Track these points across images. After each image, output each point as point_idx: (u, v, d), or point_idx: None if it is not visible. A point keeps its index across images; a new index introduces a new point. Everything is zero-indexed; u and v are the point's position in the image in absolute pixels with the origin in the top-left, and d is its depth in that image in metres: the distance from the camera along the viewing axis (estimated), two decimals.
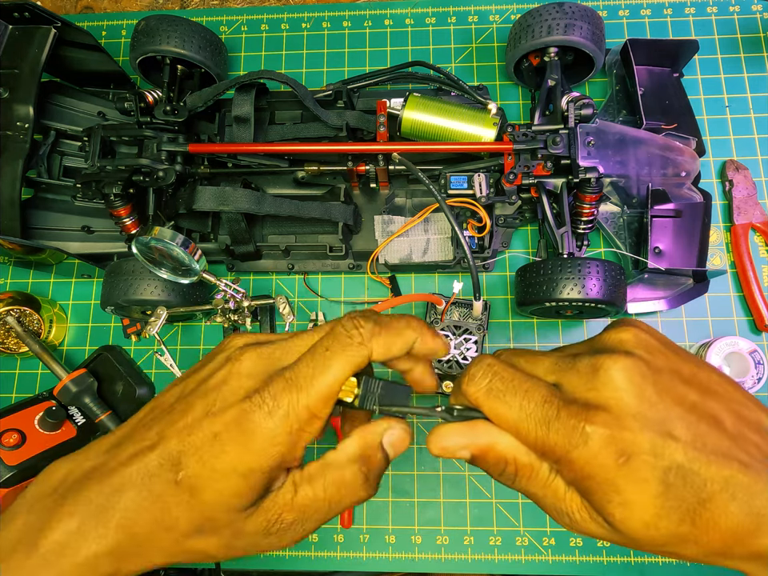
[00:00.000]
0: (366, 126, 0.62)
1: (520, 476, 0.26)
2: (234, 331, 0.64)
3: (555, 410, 0.24)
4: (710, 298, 0.62)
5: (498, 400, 0.25)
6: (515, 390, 0.25)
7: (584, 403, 0.24)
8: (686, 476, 0.22)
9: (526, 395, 0.25)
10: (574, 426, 0.23)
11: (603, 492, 0.23)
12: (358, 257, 0.64)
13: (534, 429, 0.24)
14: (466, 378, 0.27)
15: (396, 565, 0.58)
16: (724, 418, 0.24)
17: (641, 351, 0.25)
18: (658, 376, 0.24)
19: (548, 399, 0.24)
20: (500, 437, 0.26)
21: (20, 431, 0.56)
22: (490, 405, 0.26)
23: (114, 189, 0.57)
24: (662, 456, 0.22)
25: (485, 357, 0.27)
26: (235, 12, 0.76)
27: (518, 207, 0.60)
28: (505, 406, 0.25)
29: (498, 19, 0.72)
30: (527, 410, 0.24)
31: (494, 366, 0.26)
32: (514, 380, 0.25)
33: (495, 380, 0.26)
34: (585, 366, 0.25)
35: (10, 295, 0.63)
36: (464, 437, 0.26)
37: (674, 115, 0.61)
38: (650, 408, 0.23)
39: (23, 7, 0.56)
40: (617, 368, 0.24)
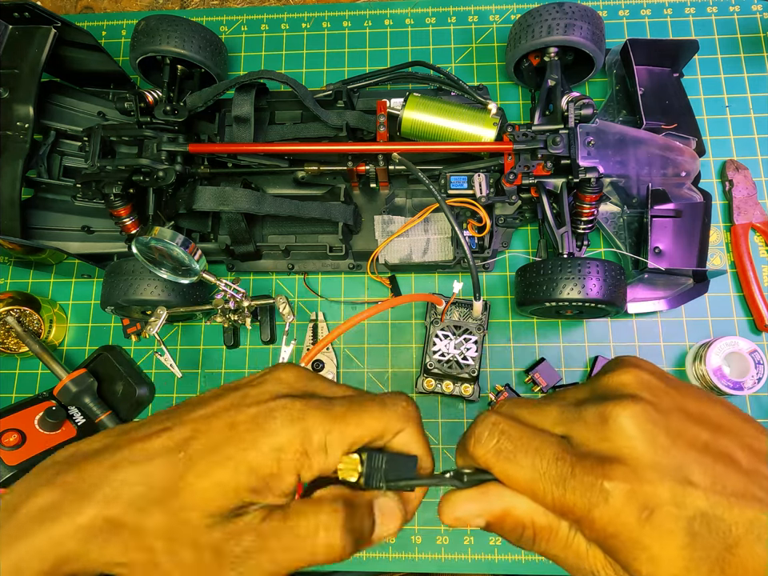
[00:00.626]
0: (365, 126, 0.62)
1: (539, 539, 0.25)
2: (234, 331, 0.64)
3: (569, 467, 0.23)
4: (709, 297, 0.62)
5: (508, 461, 0.24)
6: (525, 448, 0.24)
7: (598, 457, 0.23)
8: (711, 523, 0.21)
9: (538, 453, 0.24)
10: (591, 484, 0.22)
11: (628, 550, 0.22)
12: (357, 257, 0.64)
13: (550, 489, 0.23)
14: (471, 439, 0.25)
15: (396, 565, 0.58)
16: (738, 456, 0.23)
17: (645, 394, 0.24)
18: (667, 419, 0.23)
19: (560, 456, 0.23)
20: (515, 500, 0.25)
21: (20, 431, 0.56)
22: (500, 467, 0.24)
23: (114, 189, 0.57)
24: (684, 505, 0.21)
25: (489, 414, 0.26)
26: (235, 12, 0.76)
27: (518, 207, 0.60)
28: (516, 467, 0.24)
29: (498, 19, 0.72)
30: (540, 469, 0.23)
31: (499, 424, 0.25)
32: (523, 438, 0.24)
33: (503, 440, 0.24)
34: (592, 415, 0.24)
35: (10, 295, 0.63)
36: (477, 504, 0.25)
37: (674, 115, 0.61)
38: (665, 455, 0.22)
39: (23, 7, 0.56)
40: (626, 415, 0.23)
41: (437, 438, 0.61)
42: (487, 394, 0.60)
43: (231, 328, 0.63)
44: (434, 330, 0.59)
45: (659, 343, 0.61)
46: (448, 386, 0.59)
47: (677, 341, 0.61)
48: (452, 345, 0.59)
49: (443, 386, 0.59)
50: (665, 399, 0.24)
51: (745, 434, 0.24)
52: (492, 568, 0.58)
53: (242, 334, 0.65)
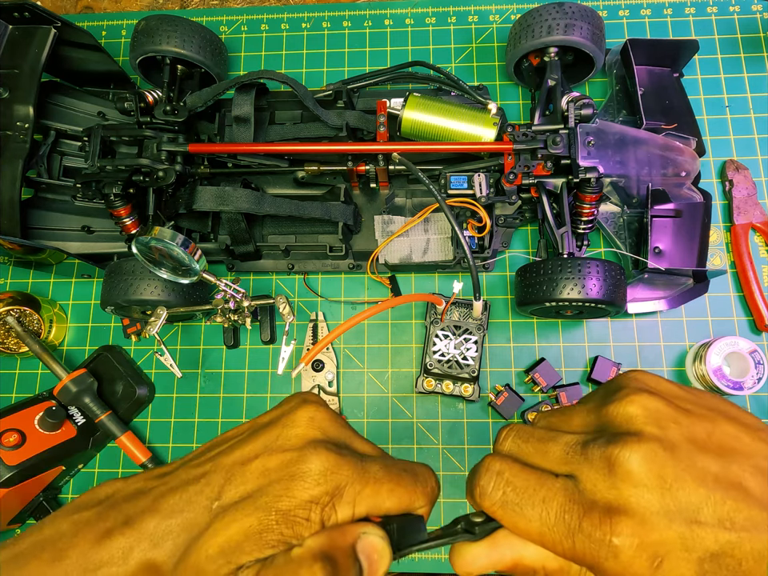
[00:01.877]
0: (365, 126, 0.62)
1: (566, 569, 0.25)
2: (234, 331, 0.64)
3: (577, 520, 0.23)
4: (709, 297, 0.62)
5: (515, 514, 0.24)
6: (532, 501, 0.24)
7: (605, 507, 0.22)
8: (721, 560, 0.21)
9: (544, 505, 0.23)
10: (600, 540, 0.22)
11: None
12: (358, 257, 0.64)
13: (560, 540, 0.23)
14: (477, 490, 0.25)
15: (396, 565, 0.58)
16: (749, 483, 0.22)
17: (652, 428, 0.23)
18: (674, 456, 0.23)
19: (567, 508, 0.23)
20: (524, 549, 0.25)
21: (20, 431, 0.56)
22: (508, 520, 0.24)
23: (114, 189, 0.57)
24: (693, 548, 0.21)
25: (493, 461, 0.25)
26: (235, 12, 0.76)
27: (518, 207, 0.60)
28: (524, 520, 0.24)
29: (498, 19, 0.72)
30: (548, 522, 0.23)
31: (504, 473, 0.25)
32: (528, 488, 0.24)
33: (509, 491, 0.24)
34: (598, 459, 0.23)
35: (10, 295, 0.63)
36: (488, 556, 0.25)
37: (674, 115, 0.61)
38: (673, 499, 0.22)
39: (23, 7, 0.56)
40: (633, 460, 0.22)
41: (437, 438, 0.61)
42: (487, 393, 0.60)
43: (231, 328, 0.63)
44: (434, 330, 0.59)
45: (659, 343, 0.61)
46: (448, 386, 0.59)
47: (677, 341, 0.61)
48: (452, 345, 0.59)
49: (443, 386, 0.59)
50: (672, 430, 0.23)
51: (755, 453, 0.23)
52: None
53: (242, 334, 0.65)
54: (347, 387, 0.63)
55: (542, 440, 0.26)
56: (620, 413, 0.24)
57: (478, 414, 0.61)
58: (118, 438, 0.60)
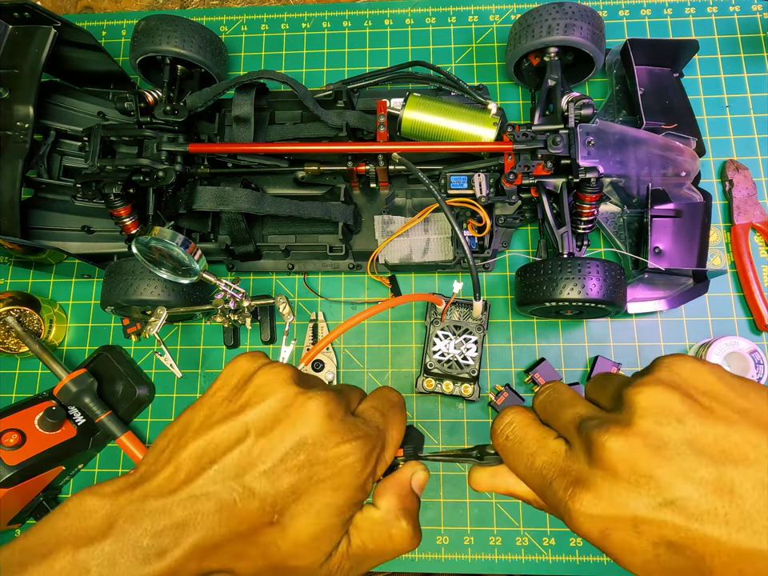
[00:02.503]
0: (365, 126, 0.62)
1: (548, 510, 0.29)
2: (234, 331, 0.64)
3: (549, 479, 0.26)
4: (709, 297, 0.62)
5: (509, 458, 0.29)
6: (522, 452, 0.28)
7: (575, 477, 0.25)
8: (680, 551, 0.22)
9: (531, 458, 0.28)
10: (560, 500, 0.25)
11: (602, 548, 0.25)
12: (358, 257, 0.64)
13: (535, 487, 0.28)
14: (491, 430, 0.31)
15: (396, 565, 0.58)
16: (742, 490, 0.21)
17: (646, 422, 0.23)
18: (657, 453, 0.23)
19: (546, 466, 0.27)
20: (516, 484, 0.30)
21: (20, 431, 0.56)
22: (505, 460, 0.30)
23: (114, 189, 0.57)
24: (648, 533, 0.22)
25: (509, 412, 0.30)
26: (235, 12, 0.76)
27: (518, 207, 0.60)
28: (514, 463, 0.29)
29: (498, 19, 0.72)
30: (531, 471, 0.28)
31: (512, 424, 0.30)
32: (524, 441, 0.28)
33: (510, 437, 0.29)
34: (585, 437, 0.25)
35: (10, 295, 0.63)
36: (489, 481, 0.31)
37: (674, 115, 0.61)
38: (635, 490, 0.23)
39: (23, 7, 0.56)
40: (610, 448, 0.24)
41: (437, 437, 0.61)
42: (487, 393, 0.60)
43: (231, 328, 0.63)
44: (434, 330, 0.59)
45: (659, 343, 0.61)
46: (448, 386, 0.59)
47: (677, 341, 0.61)
48: (452, 345, 0.59)
49: (443, 386, 0.59)
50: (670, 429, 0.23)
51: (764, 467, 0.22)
52: (492, 568, 0.58)
53: (242, 334, 0.65)
54: None
55: (561, 405, 0.29)
56: (628, 398, 0.25)
57: (477, 414, 0.61)
58: (118, 438, 0.60)
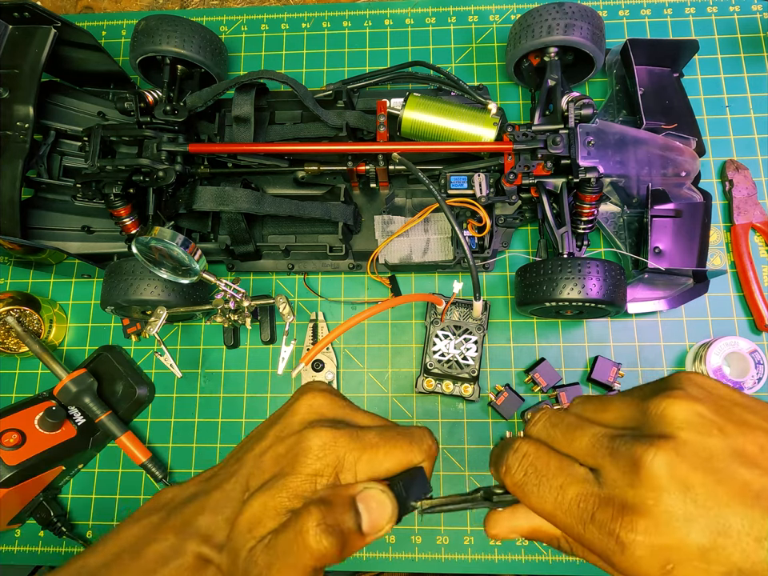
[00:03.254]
0: (365, 126, 0.62)
1: (575, 548, 0.26)
2: (234, 331, 0.64)
3: (590, 512, 0.23)
4: (710, 297, 0.62)
5: (533, 495, 0.25)
6: (549, 485, 0.24)
7: (621, 503, 0.22)
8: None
9: (561, 491, 0.24)
10: (609, 533, 0.22)
11: None
12: (358, 257, 0.64)
13: (570, 525, 0.23)
14: (503, 468, 0.26)
15: (396, 565, 0.58)
16: None
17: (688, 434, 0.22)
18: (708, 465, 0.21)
19: (583, 498, 0.23)
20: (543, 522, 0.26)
21: (20, 431, 0.56)
22: (527, 499, 0.25)
23: (114, 189, 0.57)
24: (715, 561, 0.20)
25: (521, 444, 0.26)
26: (235, 12, 0.76)
27: (518, 207, 0.60)
28: (539, 501, 0.25)
29: (498, 19, 0.72)
30: (562, 507, 0.24)
31: (529, 456, 0.26)
32: (548, 473, 0.25)
33: (530, 472, 0.25)
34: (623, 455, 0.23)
35: (10, 295, 0.63)
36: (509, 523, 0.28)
37: (674, 115, 0.61)
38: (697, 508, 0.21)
39: (23, 7, 0.56)
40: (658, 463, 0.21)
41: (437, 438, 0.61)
42: (487, 394, 0.60)
43: (231, 328, 0.63)
44: (434, 330, 0.59)
45: (659, 343, 0.61)
46: (448, 386, 0.59)
47: (677, 341, 0.61)
48: (452, 345, 0.59)
49: (443, 386, 0.59)
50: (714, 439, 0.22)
51: None
52: (492, 568, 0.58)
53: (242, 334, 0.65)
54: (347, 387, 0.63)
55: (571, 427, 0.26)
56: (659, 413, 0.23)
57: (477, 414, 0.61)
58: (118, 438, 0.60)
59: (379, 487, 0.26)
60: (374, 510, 0.26)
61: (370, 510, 0.26)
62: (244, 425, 0.63)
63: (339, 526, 0.25)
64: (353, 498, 0.26)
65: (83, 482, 0.63)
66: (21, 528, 0.62)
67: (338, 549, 0.24)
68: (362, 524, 0.25)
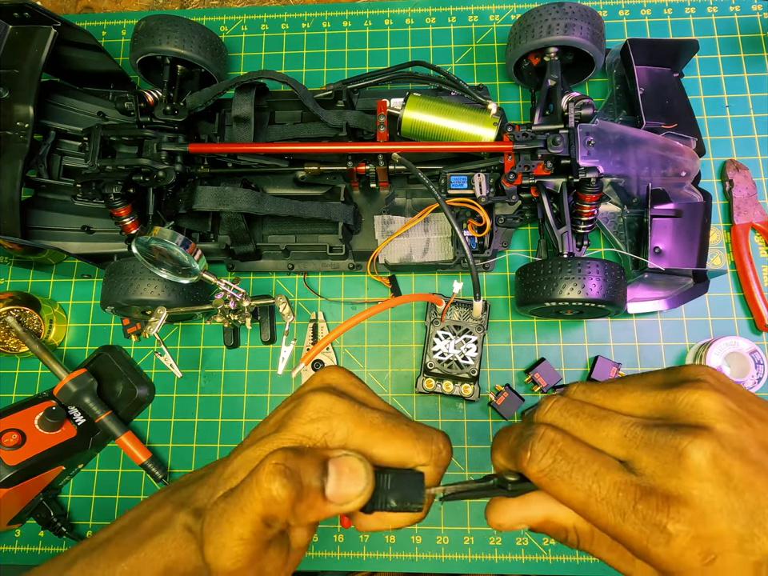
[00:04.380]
0: (365, 126, 0.62)
1: (583, 542, 0.25)
2: (234, 331, 0.64)
3: (632, 500, 0.22)
4: (710, 297, 0.62)
5: (563, 482, 0.23)
6: (583, 472, 0.23)
7: (664, 494, 0.22)
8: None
9: (596, 479, 0.23)
10: (654, 524, 0.21)
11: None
12: (358, 257, 0.64)
13: (606, 515, 0.22)
14: (526, 454, 0.24)
15: (396, 565, 0.58)
16: None
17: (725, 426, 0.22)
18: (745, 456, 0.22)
19: (622, 486, 0.22)
20: (557, 509, 0.25)
21: (20, 431, 0.56)
22: (555, 487, 0.23)
23: (114, 189, 0.57)
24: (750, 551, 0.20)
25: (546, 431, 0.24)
26: (235, 12, 0.76)
27: (518, 207, 0.60)
28: (571, 489, 0.23)
29: (498, 19, 0.72)
30: (598, 495, 0.22)
31: (558, 442, 0.24)
32: (581, 459, 0.23)
33: (560, 459, 0.23)
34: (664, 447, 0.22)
35: (10, 295, 0.63)
36: (519, 512, 0.26)
37: (674, 115, 0.61)
38: (738, 499, 0.21)
39: (23, 7, 0.56)
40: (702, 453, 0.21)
41: None
42: (487, 393, 0.60)
43: (231, 328, 0.63)
44: (434, 330, 0.59)
45: (659, 343, 0.61)
46: (448, 386, 0.59)
47: (677, 341, 0.61)
48: (452, 345, 0.59)
49: (443, 386, 0.59)
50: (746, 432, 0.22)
51: None
52: (492, 568, 0.58)
53: (242, 334, 0.65)
54: None
55: (594, 417, 0.25)
56: (691, 402, 0.23)
57: (477, 414, 0.61)
58: (118, 438, 0.60)
59: (357, 456, 0.25)
60: (345, 475, 0.24)
61: (340, 473, 0.24)
62: (244, 425, 0.63)
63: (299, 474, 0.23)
64: (326, 458, 0.24)
65: (83, 482, 0.63)
66: (21, 528, 0.62)
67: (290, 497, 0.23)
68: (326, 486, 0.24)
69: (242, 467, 0.26)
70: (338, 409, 0.26)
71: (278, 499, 0.23)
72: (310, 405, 0.26)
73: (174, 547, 0.26)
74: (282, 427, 0.26)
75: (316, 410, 0.26)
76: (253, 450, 0.26)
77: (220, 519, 0.24)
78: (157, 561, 0.26)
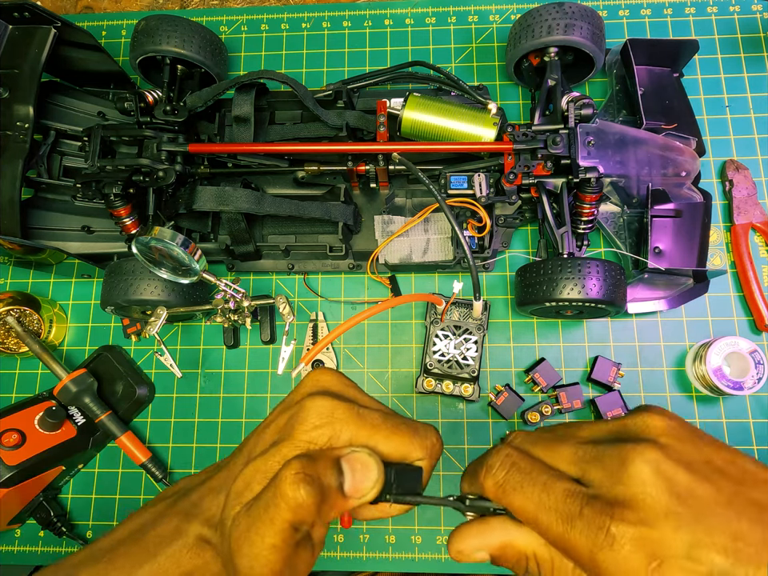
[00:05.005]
0: (365, 126, 0.62)
1: (544, 571, 0.25)
2: (234, 331, 0.64)
3: (578, 506, 0.22)
4: (710, 297, 0.62)
5: (515, 492, 0.24)
6: (534, 481, 0.24)
7: (610, 500, 0.22)
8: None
9: (545, 488, 0.24)
10: (599, 526, 0.22)
11: None
12: (358, 257, 0.64)
13: (555, 524, 0.23)
14: (483, 468, 0.26)
15: (396, 565, 0.58)
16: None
17: (670, 440, 0.23)
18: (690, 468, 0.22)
19: (570, 493, 0.23)
20: (517, 533, 0.25)
21: (20, 431, 0.56)
22: (507, 499, 0.25)
23: (114, 189, 0.57)
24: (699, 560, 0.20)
25: (502, 448, 0.26)
26: (235, 12, 0.76)
27: (518, 207, 0.60)
28: (522, 498, 0.24)
29: (498, 19, 0.72)
30: (547, 503, 0.23)
31: (512, 456, 0.26)
32: (533, 472, 0.24)
33: (513, 471, 0.25)
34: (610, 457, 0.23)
35: (10, 295, 0.63)
36: (479, 537, 0.26)
37: (674, 115, 0.61)
38: (682, 504, 0.21)
39: (23, 7, 0.56)
40: (645, 459, 0.22)
41: None
42: (487, 394, 0.60)
43: (231, 328, 0.63)
44: (434, 330, 0.59)
45: (659, 343, 0.61)
46: (448, 386, 0.59)
47: (677, 341, 0.61)
48: (452, 345, 0.59)
49: (443, 386, 0.59)
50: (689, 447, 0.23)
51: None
52: (492, 568, 0.57)
53: (242, 334, 0.65)
54: None
55: (551, 441, 0.26)
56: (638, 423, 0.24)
57: (477, 414, 0.61)
58: (118, 438, 0.60)
59: (366, 451, 0.26)
60: (358, 471, 0.25)
61: (354, 470, 0.25)
62: (244, 425, 0.63)
63: (319, 478, 0.24)
64: (338, 457, 0.26)
65: (83, 482, 0.63)
66: (21, 528, 0.62)
67: (315, 501, 0.24)
68: (343, 483, 0.25)
69: (255, 479, 0.26)
70: (340, 413, 0.27)
71: (304, 505, 0.24)
72: (311, 411, 0.27)
73: (188, 558, 0.27)
74: (287, 435, 0.27)
75: (319, 416, 0.26)
76: (263, 461, 0.26)
77: (248, 533, 0.25)
78: (171, 572, 0.27)
